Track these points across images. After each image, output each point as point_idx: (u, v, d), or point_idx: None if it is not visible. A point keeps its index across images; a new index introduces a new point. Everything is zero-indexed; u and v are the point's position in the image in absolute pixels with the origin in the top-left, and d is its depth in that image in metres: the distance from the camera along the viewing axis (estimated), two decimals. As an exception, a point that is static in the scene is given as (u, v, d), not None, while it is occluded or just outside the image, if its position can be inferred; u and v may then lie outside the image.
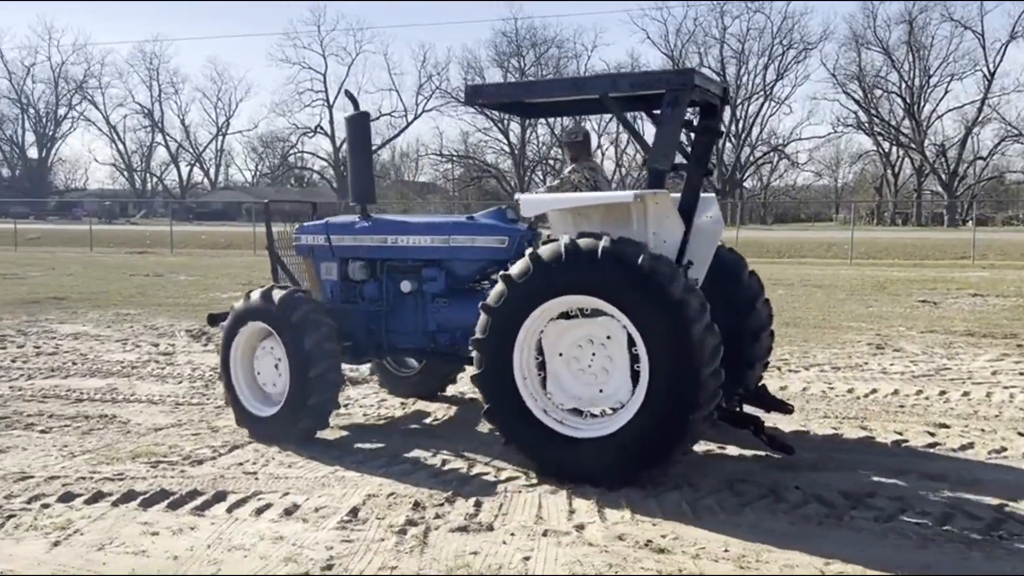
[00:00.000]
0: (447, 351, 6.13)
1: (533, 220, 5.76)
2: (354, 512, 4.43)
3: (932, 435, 6.05)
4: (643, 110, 5.85)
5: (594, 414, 4.97)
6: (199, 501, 4.62)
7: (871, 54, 69.03)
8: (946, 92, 68.22)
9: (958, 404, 7.02)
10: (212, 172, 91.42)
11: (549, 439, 4.90)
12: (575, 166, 6.24)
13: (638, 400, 4.70)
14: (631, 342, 4.77)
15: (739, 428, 5.49)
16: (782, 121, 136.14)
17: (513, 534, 4.16)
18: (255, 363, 5.99)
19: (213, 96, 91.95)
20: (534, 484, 4.87)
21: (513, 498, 4.67)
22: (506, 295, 4.88)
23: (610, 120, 61.78)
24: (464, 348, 5.32)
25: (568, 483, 4.80)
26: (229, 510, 4.51)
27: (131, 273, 21.48)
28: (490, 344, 4.95)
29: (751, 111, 73.06)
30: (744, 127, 73.21)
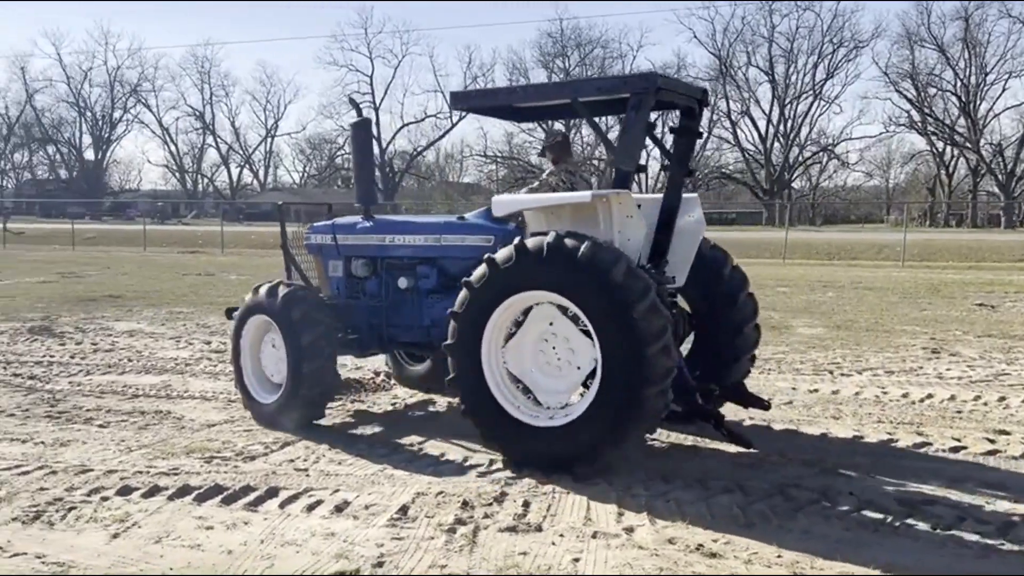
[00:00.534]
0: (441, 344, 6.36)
1: (520, 219, 5.93)
2: (403, 510, 4.46)
3: (992, 442, 5.88)
4: (616, 113, 6.07)
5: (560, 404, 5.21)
6: (252, 497, 4.69)
7: (925, 52, 67.47)
8: (1004, 90, 66.75)
9: (1019, 410, 6.82)
10: (261, 173, 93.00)
11: (517, 428, 5.17)
12: (554, 168, 6.48)
13: (596, 384, 4.94)
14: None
15: (703, 423, 5.62)
16: (832, 121, 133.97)
17: (562, 535, 4.15)
18: (262, 353, 6.43)
19: (262, 99, 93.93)
20: (583, 485, 4.85)
21: (561, 499, 4.66)
22: (467, 299, 5.22)
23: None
24: None
25: (539, 471, 5.00)
26: (281, 506, 4.57)
27: (183, 272, 21.93)
28: (459, 349, 5.26)
29: (800, 111, 71.99)
30: (793, 127, 72.10)
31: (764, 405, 6.00)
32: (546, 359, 5.23)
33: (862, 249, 30.88)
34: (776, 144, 72.24)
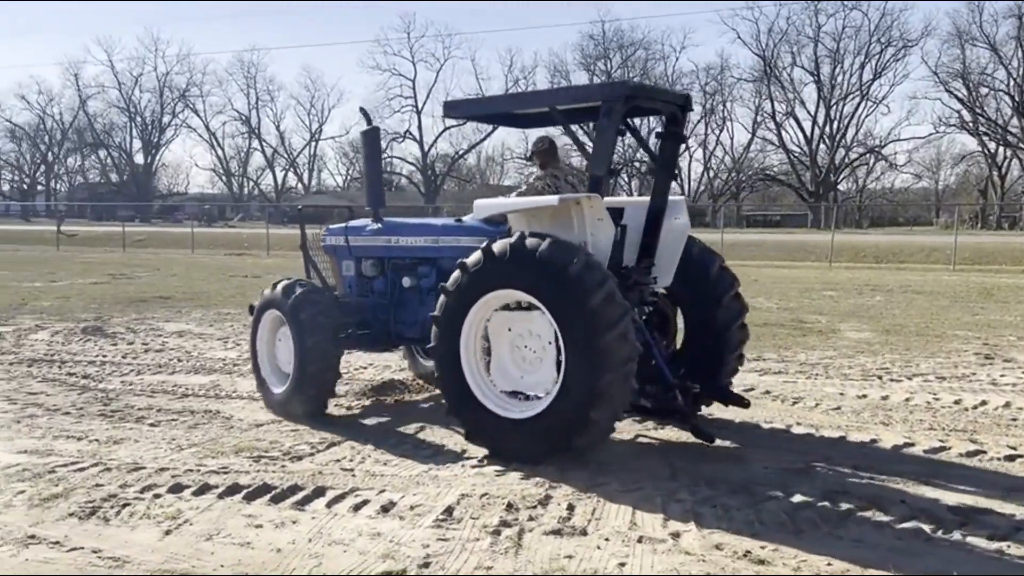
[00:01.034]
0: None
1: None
2: (449, 511, 4.49)
3: (1049, 451, 5.72)
4: (593, 120, 6.19)
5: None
6: (300, 496, 4.76)
7: (976, 50, 65.87)
8: (1059, 88, 64.52)
9: (1077, 419, 6.62)
10: (306, 177, 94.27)
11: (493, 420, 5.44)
12: (541, 173, 6.59)
13: (561, 376, 5.19)
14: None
15: (667, 418, 5.90)
16: (879, 121, 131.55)
17: (607, 539, 4.13)
18: (276, 345, 6.84)
19: (307, 103, 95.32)
20: (626, 490, 4.83)
21: (605, 503, 4.64)
22: (444, 302, 5.53)
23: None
24: None
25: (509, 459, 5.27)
26: (328, 505, 4.63)
27: (230, 274, 22.31)
28: (440, 349, 5.55)
29: (846, 111, 70.90)
30: (839, 128, 70.99)
31: (744, 403, 6.07)
32: (522, 355, 5.49)
33: (911, 252, 30.23)
34: (822, 145, 71.08)
